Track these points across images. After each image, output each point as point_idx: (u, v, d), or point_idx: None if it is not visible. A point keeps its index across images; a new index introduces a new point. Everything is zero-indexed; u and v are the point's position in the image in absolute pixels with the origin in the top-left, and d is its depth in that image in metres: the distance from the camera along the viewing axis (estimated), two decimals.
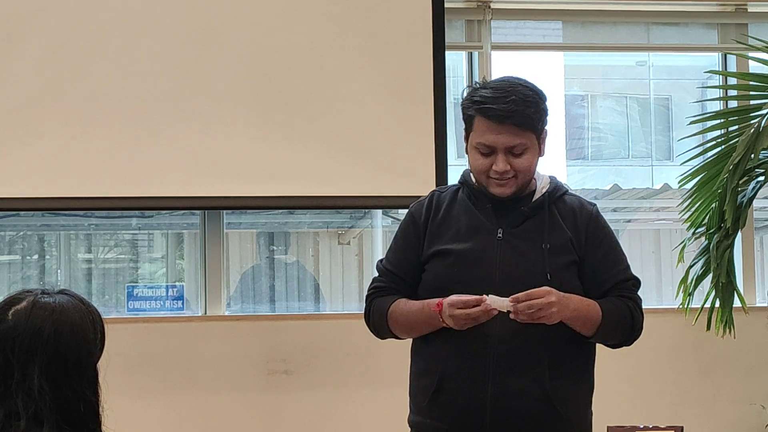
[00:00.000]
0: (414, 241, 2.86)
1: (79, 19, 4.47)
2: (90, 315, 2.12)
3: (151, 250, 5.27)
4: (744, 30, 5.05)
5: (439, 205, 2.87)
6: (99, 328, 2.13)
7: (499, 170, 2.74)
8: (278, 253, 5.24)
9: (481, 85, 2.81)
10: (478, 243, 2.77)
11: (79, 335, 2.07)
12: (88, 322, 2.10)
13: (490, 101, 2.73)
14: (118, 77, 4.48)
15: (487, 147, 2.75)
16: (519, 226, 2.79)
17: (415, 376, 2.87)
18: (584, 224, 2.83)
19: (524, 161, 2.75)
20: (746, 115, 4.40)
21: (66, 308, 2.09)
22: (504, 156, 2.74)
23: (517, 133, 2.72)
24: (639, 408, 4.76)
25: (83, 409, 2.05)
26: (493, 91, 2.74)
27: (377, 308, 2.87)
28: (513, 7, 5.02)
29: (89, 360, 2.08)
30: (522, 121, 2.72)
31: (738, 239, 4.59)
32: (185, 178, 4.50)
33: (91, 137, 4.45)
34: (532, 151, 2.76)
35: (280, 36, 4.57)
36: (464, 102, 2.81)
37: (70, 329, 2.07)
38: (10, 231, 5.10)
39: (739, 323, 4.45)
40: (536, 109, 2.75)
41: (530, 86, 2.78)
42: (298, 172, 4.51)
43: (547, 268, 2.74)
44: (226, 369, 4.59)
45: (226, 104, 4.53)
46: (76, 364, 2.05)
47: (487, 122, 2.73)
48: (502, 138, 2.72)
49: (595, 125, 6.22)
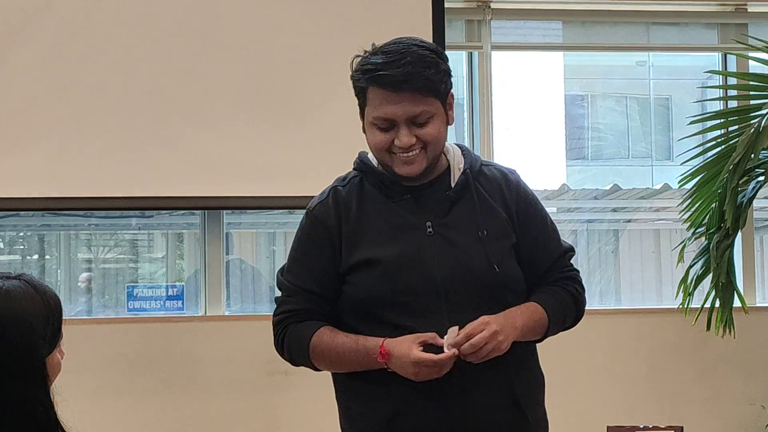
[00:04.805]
0: (327, 250, 2.45)
1: (79, 19, 4.47)
2: (45, 305, 1.88)
3: (151, 250, 5.27)
4: (744, 30, 5.05)
5: (348, 203, 2.47)
6: (53, 320, 1.89)
7: (404, 144, 2.39)
8: (278, 253, 5.24)
9: (371, 51, 2.47)
10: (407, 244, 2.42)
11: (24, 326, 1.84)
12: (38, 313, 1.87)
13: (382, 67, 2.38)
14: (118, 77, 4.48)
15: (385, 120, 2.40)
16: (448, 215, 2.45)
17: (354, 402, 2.48)
18: (514, 199, 2.52)
19: (431, 130, 2.40)
20: (746, 115, 4.40)
21: (14, 296, 1.86)
22: (407, 128, 2.38)
23: (419, 99, 2.37)
24: (639, 408, 4.77)
25: (35, 413, 1.83)
26: (385, 55, 2.40)
27: (295, 339, 2.48)
28: (513, 7, 5.02)
29: (35, 355, 1.84)
30: (422, 85, 2.37)
31: (738, 239, 4.59)
32: (185, 178, 4.50)
33: (91, 137, 4.45)
34: (439, 118, 2.42)
35: (280, 36, 4.57)
36: (354, 73, 2.48)
37: (14, 319, 1.84)
38: (10, 231, 5.10)
39: (739, 323, 4.45)
40: (436, 70, 2.39)
41: (427, 45, 2.44)
42: (298, 172, 4.51)
43: (492, 259, 2.42)
44: (226, 369, 4.59)
45: (226, 104, 4.53)
46: (21, 360, 1.83)
47: (382, 92, 2.39)
48: (401, 108, 2.37)
49: (595, 125, 6.22)
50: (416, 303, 2.39)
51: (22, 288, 1.88)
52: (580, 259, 5.43)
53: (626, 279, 5.46)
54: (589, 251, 5.45)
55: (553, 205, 5.49)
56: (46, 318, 1.88)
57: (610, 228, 5.52)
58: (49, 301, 1.90)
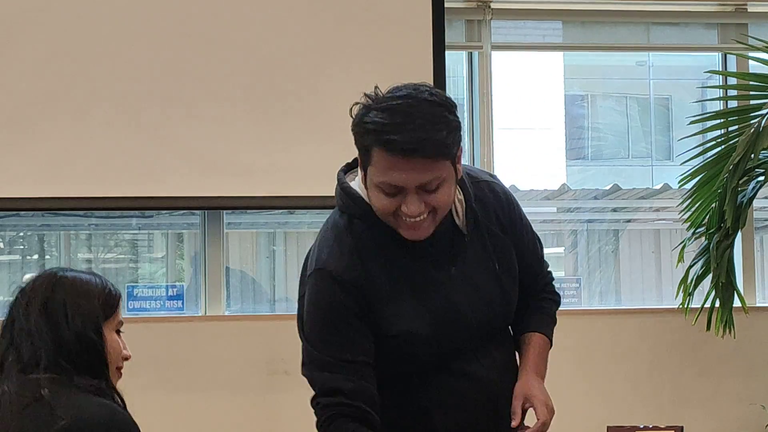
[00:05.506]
0: (361, 312, 2.25)
1: (78, 19, 4.47)
2: (100, 282, 2.21)
3: (151, 250, 5.27)
4: (744, 30, 5.05)
5: (363, 255, 2.25)
6: (107, 294, 2.20)
7: (412, 213, 2.17)
8: (278, 253, 5.24)
9: (372, 102, 2.19)
10: (440, 301, 2.28)
11: (78, 287, 2.16)
12: (93, 284, 2.19)
13: (390, 130, 2.11)
14: (119, 77, 4.48)
15: (393, 187, 2.16)
16: (465, 255, 2.32)
17: None
18: (508, 221, 2.40)
19: (441, 195, 2.18)
20: (746, 115, 4.41)
21: (72, 274, 2.20)
22: (416, 195, 2.16)
23: (430, 166, 2.13)
24: (639, 408, 4.76)
25: (85, 350, 2.12)
26: (391, 114, 2.13)
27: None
28: (513, 7, 5.02)
29: (89, 307, 2.15)
30: (434, 151, 2.13)
31: (738, 239, 4.59)
32: (185, 178, 4.50)
33: (91, 137, 4.45)
34: (450, 179, 2.19)
35: (280, 36, 4.57)
36: (355, 127, 2.21)
37: (71, 282, 2.17)
38: (10, 231, 5.10)
39: (739, 323, 4.45)
40: (448, 129, 2.15)
41: (436, 95, 2.18)
42: (298, 172, 4.51)
43: (508, 293, 2.37)
44: (226, 369, 4.59)
45: (226, 104, 4.53)
46: (74, 306, 2.13)
47: (389, 157, 2.13)
48: (411, 176, 2.13)
49: (595, 125, 6.22)
50: (450, 348, 2.32)
51: (85, 274, 2.22)
52: (580, 259, 5.43)
53: (626, 279, 5.46)
54: (589, 251, 5.45)
55: (553, 205, 5.49)
56: (100, 290, 2.19)
57: (610, 228, 5.52)
58: (106, 283, 2.22)
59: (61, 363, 2.09)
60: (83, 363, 2.12)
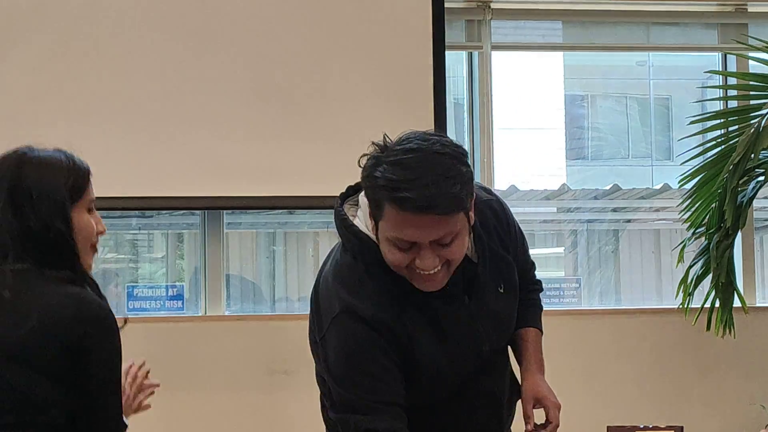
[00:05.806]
0: (393, 353, 2.21)
1: (79, 20, 4.47)
2: (67, 162, 2.20)
3: (151, 250, 5.27)
4: (744, 30, 5.05)
5: (387, 299, 2.20)
6: (75, 174, 2.21)
7: (427, 268, 2.13)
8: (278, 253, 5.24)
9: (381, 153, 2.12)
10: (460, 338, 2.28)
11: (44, 169, 2.16)
12: (59, 166, 2.19)
13: (403, 186, 2.05)
14: (119, 78, 4.48)
15: (406, 242, 2.12)
16: (475, 281, 2.30)
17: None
18: (508, 238, 2.40)
19: (456, 248, 2.15)
20: (746, 115, 4.41)
21: (37, 155, 2.19)
22: (430, 249, 2.12)
23: (444, 222, 2.09)
24: (639, 408, 4.77)
25: (53, 240, 2.10)
26: (403, 169, 2.06)
27: None
28: (513, 7, 5.03)
29: (57, 193, 2.14)
30: (449, 207, 2.08)
31: (738, 239, 4.60)
32: (185, 178, 4.50)
33: (91, 137, 4.45)
34: (464, 231, 2.15)
35: (280, 36, 4.57)
36: (366, 180, 2.15)
37: (37, 162, 2.17)
38: None
39: (739, 323, 4.46)
40: (462, 183, 2.09)
41: (448, 148, 2.12)
42: (298, 172, 4.51)
43: (515, 312, 2.40)
44: (226, 369, 4.59)
45: (226, 104, 4.53)
46: (41, 194, 2.12)
47: (401, 213, 2.07)
48: (425, 232, 2.09)
49: (595, 125, 6.22)
50: (467, 374, 2.33)
51: (56, 153, 2.23)
52: (580, 259, 5.43)
53: (626, 279, 5.46)
54: (589, 251, 5.45)
55: (553, 205, 5.49)
56: (69, 171, 2.20)
57: (610, 228, 5.52)
58: (77, 164, 2.24)
59: (30, 254, 2.09)
60: (52, 253, 2.11)
